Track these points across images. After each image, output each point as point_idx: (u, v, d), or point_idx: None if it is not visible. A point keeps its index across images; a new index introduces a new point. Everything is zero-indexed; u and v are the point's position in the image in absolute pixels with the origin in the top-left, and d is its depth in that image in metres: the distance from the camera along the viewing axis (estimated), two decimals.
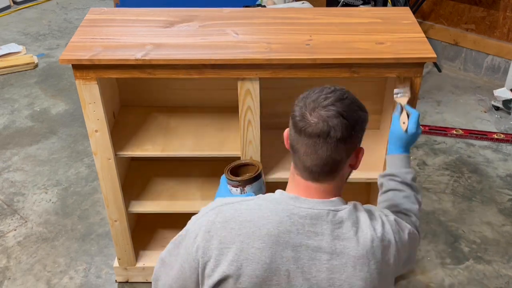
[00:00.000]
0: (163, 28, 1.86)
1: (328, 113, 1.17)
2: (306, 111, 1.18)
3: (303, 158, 1.20)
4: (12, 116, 3.46)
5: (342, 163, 1.22)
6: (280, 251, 1.16)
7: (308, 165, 1.20)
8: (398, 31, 1.81)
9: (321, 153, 1.18)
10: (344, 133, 1.17)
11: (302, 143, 1.19)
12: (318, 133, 1.16)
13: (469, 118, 3.38)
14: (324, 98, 1.20)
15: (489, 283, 2.30)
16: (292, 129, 1.22)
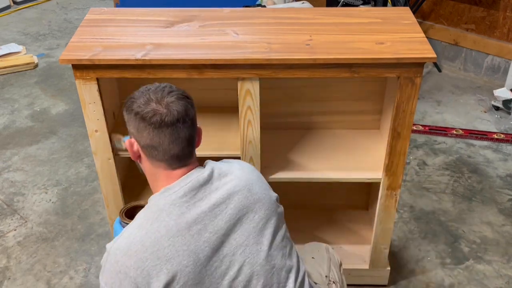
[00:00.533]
0: (163, 28, 1.86)
1: (173, 98, 1.29)
2: (154, 105, 1.28)
3: (169, 147, 1.29)
4: (12, 116, 3.47)
5: (194, 140, 1.36)
6: (186, 232, 1.24)
7: (175, 152, 1.30)
8: (398, 31, 1.81)
9: (183, 135, 1.30)
10: (193, 110, 1.33)
11: (164, 134, 1.27)
12: (178, 118, 1.28)
13: (469, 118, 3.38)
14: (156, 91, 1.31)
15: (489, 283, 2.30)
16: (145, 130, 1.29)
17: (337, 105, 2.16)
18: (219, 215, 1.29)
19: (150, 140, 1.29)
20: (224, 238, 1.28)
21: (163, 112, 1.27)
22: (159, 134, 1.27)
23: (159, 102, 1.28)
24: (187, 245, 1.23)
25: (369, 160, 2.04)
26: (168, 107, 1.27)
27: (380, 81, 2.07)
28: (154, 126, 1.27)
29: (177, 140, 1.29)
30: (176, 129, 1.28)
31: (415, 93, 1.74)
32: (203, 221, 1.27)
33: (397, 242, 2.49)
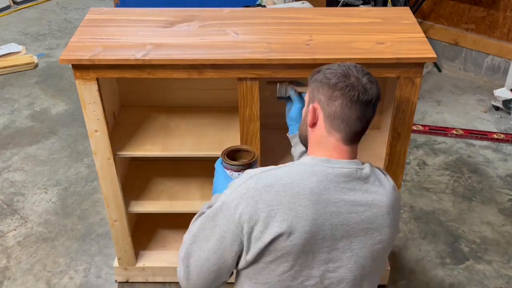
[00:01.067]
0: (163, 28, 1.86)
1: (369, 80, 1.35)
2: (353, 80, 1.34)
3: (355, 123, 1.34)
4: (12, 116, 3.47)
5: (369, 126, 1.40)
6: (323, 207, 1.27)
7: (357, 129, 1.35)
8: (398, 31, 1.81)
9: (368, 117, 1.36)
10: (379, 97, 1.38)
11: (356, 109, 1.33)
12: (371, 99, 1.34)
13: (469, 118, 3.38)
14: (356, 69, 1.37)
15: (489, 283, 2.30)
16: (338, 100, 1.33)
17: None
18: (354, 214, 1.31)
19: (340, 111, 1.34)
20: (345, 234, 1.31)
21: (361, 89, 1.33)
22: (352, 108, 1.33)
23: (357, 79, 1.34)
24: (317, 217, 1.27)
25: (369, 160, 2.03)
26: (365, 87, 1.33)
27: (380, 81, 2.06)
28: (349, 99, 1.32)
29: (362, 119, 1.35)
30: (366, 109, 1.34)
31: (415, 93, 1.74)
32: (341, 208, 1.30)
33: (397, 242, 2.49)
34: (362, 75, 1.35)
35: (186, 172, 2.26)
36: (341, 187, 1.31)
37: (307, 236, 1.27)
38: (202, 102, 2.19)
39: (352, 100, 1.32)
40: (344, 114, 1.34)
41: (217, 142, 2.01)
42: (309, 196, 1.27)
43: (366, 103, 1.34)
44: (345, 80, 1.33)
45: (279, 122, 2.21)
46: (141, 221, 2.42)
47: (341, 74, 1.34)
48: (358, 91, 1.33)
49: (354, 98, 1.32)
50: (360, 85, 1.33)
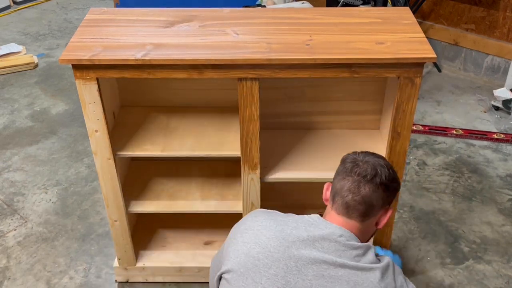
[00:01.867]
0: (163, 28, 1.86)
1: (377, 161, 1.46)
2: (358, 158, 1.47)
3: (345, 193, 1.43)
4: (12, 116, 3.47)
5: (375, 210, 1.45)
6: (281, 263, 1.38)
7: (348, 200, 1.42)
8: (398, 31, 1.81)
9: (363, 192, 1.42)
10: (386, 181, 1.44)
11: (348, 181, 1.43)
12: (365, 174, 1.42)
13: (469, 118, 3.38)
14: (373, 154, 1.51)
15: (489, 283, 2.30)
16: (339, 174, 1.47)
17: (337, 105, 2.16)
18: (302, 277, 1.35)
19: (336, 183, 1.48)
20: None
21: (358, 164, 1.45)
22: (344, 178, 1.45)
23: (364, 157, 1.48)
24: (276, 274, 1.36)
25: None
26: (366, 163, 1.45)
27: (380, 81, 2.07)
28: (345, 171, 1.46)
29: (355, 191, 1.42)
30: (358, 182, 1.43)
31: (415, 93, 1.74)
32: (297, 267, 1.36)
33: (397, 242, 2.49)
34: (380, 157, 1.49)
35: (186, 172, 2.26)
36: (305, 246, 1.38)
37: None
38: (202, 102, 2.19)
39: (346, 171, 1.46)
40: (336, 186, 1.47)
41: (217, 142, 2.01)
42: (275, 247, 1.39)
43: (359, 175, 1.42)
44: (354, 160, 1.48)
45: (279, 122, 2.21)
46: (141, 221, 2.42)
47: (361, 154, 1.50)
48: (356, 164, 1.45)
49: (347, 170, 1.45)
50: (366, 161, 1.45)
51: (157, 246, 2.33)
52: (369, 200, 1.42)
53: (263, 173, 1.98)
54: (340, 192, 1.44)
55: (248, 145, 1.88)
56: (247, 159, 1.91)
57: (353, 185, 1.42)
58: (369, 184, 1.42)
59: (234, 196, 2.12)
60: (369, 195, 1.42)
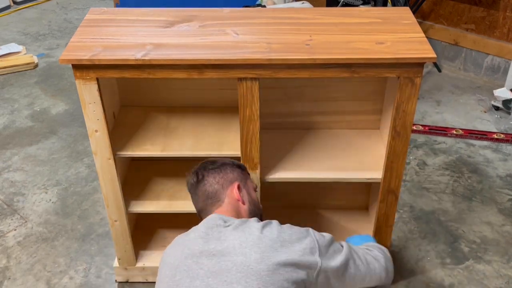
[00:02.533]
0: (163, 28, 1.86)
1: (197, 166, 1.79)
2: None
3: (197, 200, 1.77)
4: (12, 116, 3.47)
5: (221, 194, 1.69)
6: None
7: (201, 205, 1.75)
8: (398, 31, 1.81)
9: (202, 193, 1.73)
10: (205, 172, 1.73)
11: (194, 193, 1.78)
12: (192, 182, 1.75)
13: (469, 118, 3.38)
14: None
15: (489, 283, 2.30)
16: None
17: (337, 105, 2.16)
18: None
19: None
20: None
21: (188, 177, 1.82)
22: None
23: None
24: None
25: (369, 160, 2.04)
26: None
27: (380, 81, 2.07)
28: None
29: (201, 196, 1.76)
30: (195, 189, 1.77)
31: (415, 93, 1.74)
32: None
33: (397, 242, 2.49)
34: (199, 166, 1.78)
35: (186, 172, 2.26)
36: None
37: None
38: (202, 102, 2.19)
39: None
40: None
41: (217, 142, 2.01)
42: None
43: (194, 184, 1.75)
44: None
45: (279, 122, 2.21)
46: (141, 221, 2.42)
47: None
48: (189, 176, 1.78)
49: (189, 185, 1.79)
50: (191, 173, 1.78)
51: (157, 246, 2.33)
52: (208, 193, 1.69)
53: (263, 173, 1.98)
54: (196, 208, 1.76)
55: (248, 145, 1.88)
56: (247, 159, 1.91)
57: (193, 196, 1.75)
58: (199, 184, 1.71)
59: None
60: (204, 190, 1.70)
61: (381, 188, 1.96)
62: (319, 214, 2.44)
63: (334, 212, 2.44)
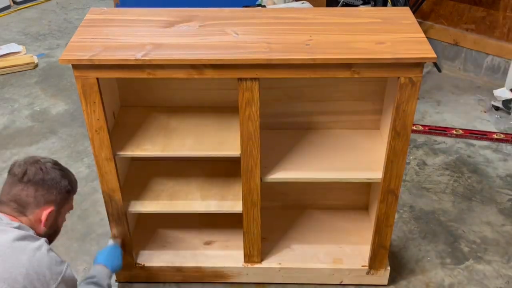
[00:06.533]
0: (163, 28, 1.86)
1: (32, 160, 1.61)
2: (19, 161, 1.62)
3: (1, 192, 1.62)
4: (12, 116, 3.47)
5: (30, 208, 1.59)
6: None
7: (1, 198, 1.60)
8: (398, 31, 1.81)
9: (13, 191, 1.58)
10: (36, 179, 1.57)
11: (5, 182, 1.61)
12: (16, 173, 1.57)
13: (469, 118, 3.38)
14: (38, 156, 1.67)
15: (489, 283, 2.30)
16: None
17: (337, 105, 2.16)
18: None
19: None
20: None
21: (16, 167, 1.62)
22: None
23: None
24: None
25: (369, 160, 2.04)
26: None
27: (380, 81, 2.07)
28: None
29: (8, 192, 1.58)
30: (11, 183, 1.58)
31: (415, 93, 1.74)
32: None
33: (397, 242, 2.49)
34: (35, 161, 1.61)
35: (186, 172, 2.26)
36: None
37: None
38: (202, 102, 2.19)
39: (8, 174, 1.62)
40: None
41: (217, 142, 2.01)
42: None
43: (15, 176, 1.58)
44: None
45: (279, 122, 2.21)
46: (141, 221, 2.42)
47: None
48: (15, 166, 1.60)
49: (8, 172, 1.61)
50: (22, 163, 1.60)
51: (157, 246, 2.33)
52: (19, 199, 1.55)
53: (263, 173, 1.98)
54: (1, 193, 1.58)
55: (248, 145, 1.88)
56: (247, 159, 1.91)
57: (7, 183, 1.57)
58: (19, 183, 1.55)
59: (234, 196, 2.12)
60: (18, 194, 1.55)
61: (381, 188, 1.96)
62: (319, 214, 2.44)
63: (334, 212, 2.44)
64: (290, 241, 2.32)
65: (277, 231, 2.37)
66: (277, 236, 2.35)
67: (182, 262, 2.26)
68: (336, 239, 2.33)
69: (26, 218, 1.58)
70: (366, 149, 2.10)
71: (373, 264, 2.19)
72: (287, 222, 2.41)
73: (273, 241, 2.32)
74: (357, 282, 2.25)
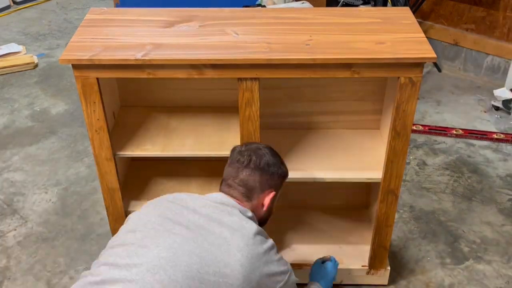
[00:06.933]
0: (163, 28, 1.86)
1: (256, 148, 1.70)
2: (240, 148, 1.72)
3: (227, 178, 1.69)
4: (12, 116, 3.47)
5: (255, 192, 1.67)
6: None
7: (229, 182, 1.69)
8: (398, 31, 1.81)
9: (241, 176, 1.67)
10: (262, 165, 1.67)
11: (231, 168, 1.70)
12: (243, 161, 1.67)
13: (469, 118, 3.38)
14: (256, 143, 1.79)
15: (489, 283, 2.30)
16: (227, 163, 1.72)
17: (337, 105, 2.16)
18: None
19: None
20: None
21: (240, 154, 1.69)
22: None
23: None
24: None
25: (369, 160, 2.04)
26: None
27: (380, 81, 2.07)
28: None
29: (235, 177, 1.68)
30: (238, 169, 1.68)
31: (415, 93, 1.74)
32: None
33: (397, 242, 2.49)
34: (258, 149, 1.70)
35: (186, 172, 2.26)
36: None
37: None
38: (202, 102, 2.19)
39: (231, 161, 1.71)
40: (226, 172, 1.72)
41: (217, 142, 2.01)
42: None
43: (241, 164, 1.67)
44: None
45: (279, 122, 2.21)
46: None
47: None
48: (238, 154, 1.69)
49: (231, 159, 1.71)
50: (244, 150, 1.69)
51: None
52: (246, 183, 1.64)
53: None
54: (226, 176, 1.68)
55: None
56: None
57: (233, 170, 1.66)
58: (246, 169, 1.64)
59: None
60: (246, 179, 1.64)
61: (381, 188, 1.96)
62: (319, 214, 2.44)
63: (334, 212, 2.44)
64: (290, 241, 2.32)
65: (277, 231, 2.36)
66: (277, 236, 2.34)
67: None
68: (336, 239, 2.33)
69: (251, 203, 1.66)
70: (366, 149, 2.10)
71: (373, 264, 2.19)
72: (287, 222, 2.41)
73: None
74: (357, 282, 2.25)
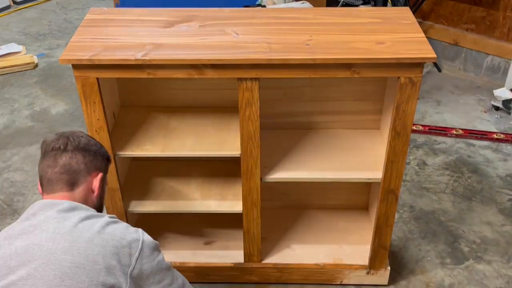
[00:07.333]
0: (163, 28, 1.86)
1: (69, 133, 1.58)
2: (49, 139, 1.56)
3: (45, 171, 1.53)
4: (12, 116, 3.47)
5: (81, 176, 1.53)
6: None
7: (49, 175, 1.52)
8: (398, 31, 1.81)
9: (60, 162, 1.51)
10: (82, 145, 1.54)
11: (45, 160, 1.53)
12: (58, 146, 1.52)
13: (469, 118, 3.38)
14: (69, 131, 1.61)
15: (489, 283, 2.30)
16: (39, 161, 1.55)
17: (337, 105, 2.16)
18: None
19: None
20: None
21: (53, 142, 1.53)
22: None
23: None
24: None
25: (369, 160, 2.05)
26: None
27: (380, 81, 2.07)
28: None
29: (54, 166, 1.50)
30: (55, 156, 1.51)
31: (415, 93, 1.74)
32: None
33: (397, 242, 2.49)
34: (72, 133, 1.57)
35: (186, 172, 2.26)
36: None
37: None
38: (202, 102, 2.19)
39: (43, 154, 1.54)
40: (40, 168, 1.54)
41: (217, 142, 2.01)
42: None
43: (56, 150, 1.50)
44: None
45: (279, 122, 2.22)
46: (141, 221, 2.42)
47: None
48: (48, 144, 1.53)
49: (43, 152, 1.53)
50: (56, 138, 1.54)
51: None
52: (69, 168, 1.49)
53: (263, 173, 1.98)
54: (42, 173, 1.50)
55: (248, 145, 1.88)
56: (247, 159, 1.91)
57: (49, 160, 1.49)
58: (65, 153, 1.49)
59: (234, 196, 2.12)
60: (68, 163, 1.48)
61: (381, 188, 1.96)
62: (319, 214, 2.44)
63: (334, 212, 2.45)
64: (290, 241, 2.32)
65: (277, 231, 2.37)
66: (277, 236, 2.35)
67: (182, 261, 2.25)
68: (336, 239, 2.33)
69: (79, 190, 1.51)
70: (366, 149, 2.10)
71: (373, 264, 2.19)
72: (287, 222, 2.41)
73: (273, 241, 2.32)
74: (357, 282, 2.25)
